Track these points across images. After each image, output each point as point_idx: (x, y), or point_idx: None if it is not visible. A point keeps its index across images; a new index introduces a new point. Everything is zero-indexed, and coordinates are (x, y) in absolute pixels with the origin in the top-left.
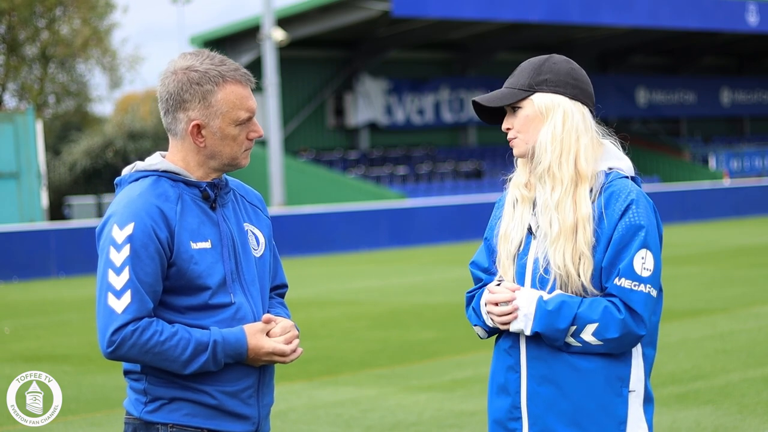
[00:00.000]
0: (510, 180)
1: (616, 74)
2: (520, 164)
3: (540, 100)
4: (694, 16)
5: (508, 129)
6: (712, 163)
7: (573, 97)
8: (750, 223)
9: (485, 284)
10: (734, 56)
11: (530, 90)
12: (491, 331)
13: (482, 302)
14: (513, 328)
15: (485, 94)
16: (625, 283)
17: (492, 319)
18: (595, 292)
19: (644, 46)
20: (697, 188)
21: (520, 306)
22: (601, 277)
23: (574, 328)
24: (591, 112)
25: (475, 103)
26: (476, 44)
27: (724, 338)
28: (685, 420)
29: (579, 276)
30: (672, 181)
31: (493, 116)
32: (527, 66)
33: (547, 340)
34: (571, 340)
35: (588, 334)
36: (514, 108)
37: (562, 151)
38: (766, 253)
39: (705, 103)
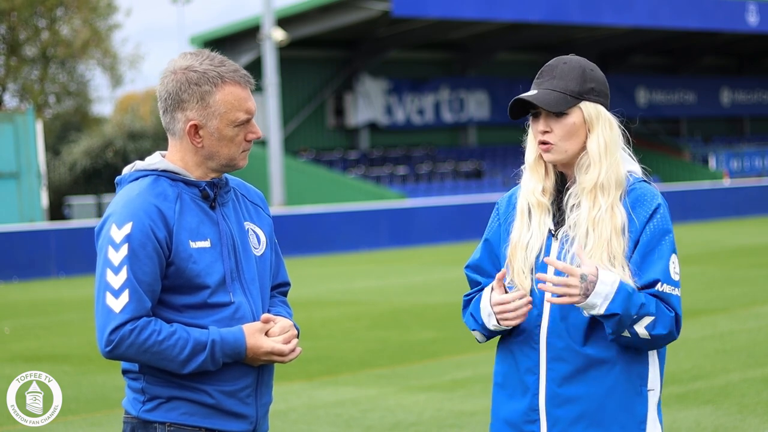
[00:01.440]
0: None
1: (616, 74)
2: (531, 169)
3: (589, 110)
4: (694, 16)
5: (546, 132)
6: (712, 163)
7: (607, 107)
8: (750, 223)
9: (484, 287)
10: (734, 56)
11: (579, 98)
12: (490, 335)
13: (483, 304)
14: (588, 301)
15: (529, 92)
16: (666, 288)
17: (504, 321)
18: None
19: (644, 46)
20: (697, 188)
21: (601, 282)
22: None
23: (635, 317)
24: None
25: (517, 99)
26: (476, 44)
27: (724, 338)
28: (685, 420)
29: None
30: (672, 181)
31: (519, 112)
32: (569, 70)
33: (613, 326)
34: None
35: (642, 327)
36: (558, 113)
37: (610, 162)
38: (766, 253)
39: (705, 103)
